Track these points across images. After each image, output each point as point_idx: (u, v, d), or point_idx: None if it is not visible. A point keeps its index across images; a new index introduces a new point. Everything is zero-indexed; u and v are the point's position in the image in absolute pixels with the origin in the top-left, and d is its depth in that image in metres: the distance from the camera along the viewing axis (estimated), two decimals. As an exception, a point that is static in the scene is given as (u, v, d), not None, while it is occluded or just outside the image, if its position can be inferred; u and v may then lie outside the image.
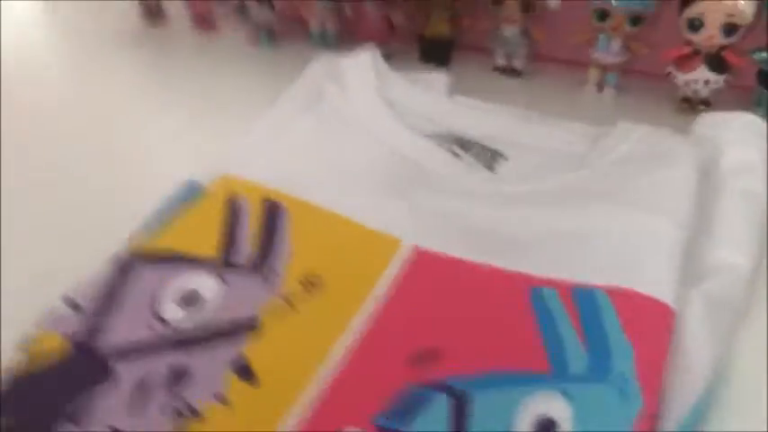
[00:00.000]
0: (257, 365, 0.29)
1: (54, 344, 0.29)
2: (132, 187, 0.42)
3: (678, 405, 0.27)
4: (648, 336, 0.29)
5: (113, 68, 0.55)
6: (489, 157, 0.40)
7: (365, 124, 0.41)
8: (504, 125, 0.42)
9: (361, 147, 0.40)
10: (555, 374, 0.28)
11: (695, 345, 0.29)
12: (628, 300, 0.30)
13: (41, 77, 0.55)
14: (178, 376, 0.28)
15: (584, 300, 0.30)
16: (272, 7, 0.54)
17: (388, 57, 0.50)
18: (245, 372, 0.29)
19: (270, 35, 0.56)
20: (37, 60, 0.58)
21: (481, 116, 0.43)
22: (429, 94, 0.45)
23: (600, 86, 0.47)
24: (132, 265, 0.33)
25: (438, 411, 0.27)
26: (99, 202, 0.41)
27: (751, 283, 0.32)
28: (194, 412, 0.27)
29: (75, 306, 0.31)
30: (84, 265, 0.33)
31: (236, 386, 0.28)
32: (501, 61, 0.50)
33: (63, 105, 0.51)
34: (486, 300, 0.32)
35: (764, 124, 0.38)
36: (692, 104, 0.44)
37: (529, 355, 0.29)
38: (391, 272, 0.33)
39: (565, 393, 0.27)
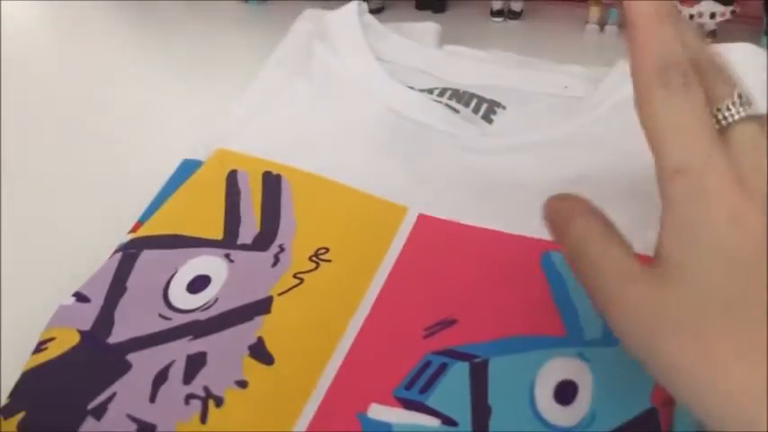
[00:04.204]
0: (273, 347, 0.29)
1: (68, 339, 0.29)
2: (130, 170, 0.40)
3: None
4: None
5: (99, 33, 0.53)
6: (487, 108, 0.39)
7: (357, 83, 0.40)
8: (500, 73, 0.41)
9: (355, 107, 0.39)
10: (571, 338, 0.28)
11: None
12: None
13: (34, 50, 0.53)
14: (196, 365, 0.28)
15: None
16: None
17: (381, 7, 0.49)
18: (262, 355, 0.29)
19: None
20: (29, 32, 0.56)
21: (475, 66, 0.42)
22: (420, 47, 0.43)
23: (601, 24, 0.45)
24: (137, 252, 0.32)
25: (458, 379, 0.27)
26: (97, 192, 0.39)
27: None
28: (216, 399, 0.27)
29: (85, 300, 0.30)
30: (90, 257, 0.32)
31: (254, 370, 0.28)
32: (498, 4, 0.48)
33: (49, 77, 0.49)
34: (496, 265, 0.31)
35: (765, 54, 0.37)
36: (699, 38, 0.43)
37: (544, 320, 0.29)
38: (399, 241, 0.33)
39: (583, 356, 0.28)
